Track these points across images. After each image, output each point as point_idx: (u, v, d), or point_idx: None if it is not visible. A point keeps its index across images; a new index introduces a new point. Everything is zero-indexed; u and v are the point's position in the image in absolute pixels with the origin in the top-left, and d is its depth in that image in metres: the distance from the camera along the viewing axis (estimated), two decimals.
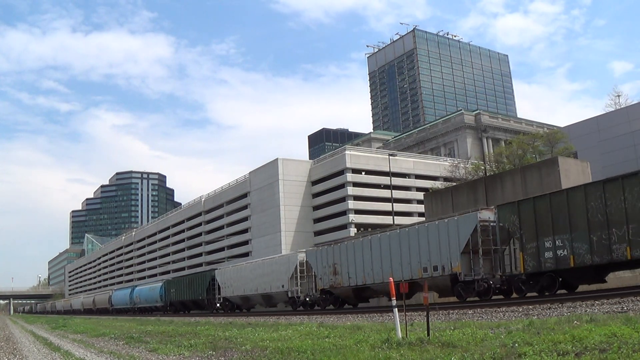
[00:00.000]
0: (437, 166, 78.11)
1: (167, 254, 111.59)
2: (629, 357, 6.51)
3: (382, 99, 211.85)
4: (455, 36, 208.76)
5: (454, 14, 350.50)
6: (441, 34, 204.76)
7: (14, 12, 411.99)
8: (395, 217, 54.79)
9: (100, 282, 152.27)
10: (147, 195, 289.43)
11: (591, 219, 17.72)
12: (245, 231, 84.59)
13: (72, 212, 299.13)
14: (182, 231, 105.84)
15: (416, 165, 78.30)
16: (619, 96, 71.01)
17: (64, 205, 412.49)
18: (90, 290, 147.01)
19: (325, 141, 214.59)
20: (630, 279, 22.30)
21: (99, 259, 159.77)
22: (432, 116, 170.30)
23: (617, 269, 19.23)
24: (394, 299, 10.43)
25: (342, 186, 73.39)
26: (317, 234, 75.79)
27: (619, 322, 8.94)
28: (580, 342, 7.62)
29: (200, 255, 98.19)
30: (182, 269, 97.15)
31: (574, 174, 34.03)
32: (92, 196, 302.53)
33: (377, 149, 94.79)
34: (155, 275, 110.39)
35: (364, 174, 74.10)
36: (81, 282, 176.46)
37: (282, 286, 34.17)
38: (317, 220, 77.16)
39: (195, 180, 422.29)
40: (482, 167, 60.91)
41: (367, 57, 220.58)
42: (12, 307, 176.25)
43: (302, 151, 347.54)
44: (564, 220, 18.55)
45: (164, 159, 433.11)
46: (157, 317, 41.75)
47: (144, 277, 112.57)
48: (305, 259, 32.71)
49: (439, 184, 66.04)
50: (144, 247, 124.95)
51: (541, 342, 7.96)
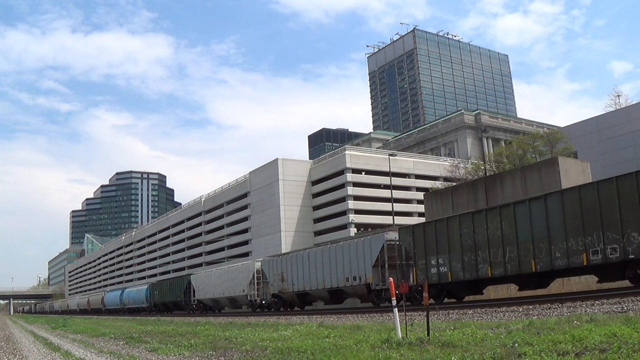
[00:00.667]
0: (437, 166, 78.10)
1: (167, 254, 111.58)
2: (629, 357, 6.51)
3: (382, 99, 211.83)
4: (455, 36, 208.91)
5: (453, 14, 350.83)
6: (441, 34, 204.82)
7: (14, 13, 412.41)
8: (395, 217, 54.78)
9: (100, 282, 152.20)
10: (147, 195, 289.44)
11: (464, 243, 21.61)
12: (245, 231, 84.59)
13: (72, 212, 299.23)
14: (182, 231, 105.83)
15: (416, 165, 78.29)
16: (619, 96, 71.12)
17: (64, 205, 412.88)
18: (90, 290, 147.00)
19: (325, 141, 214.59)
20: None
21: (99, 259, 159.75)
22: (432, 116, 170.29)
23: (486, 284, 23.17)
24: (394, 298, 10.46)
25: (342, 186, 73.38)
26: (317, 234, 75.79)
27: (619, 322, 8.94)
28: (580, 342, 7.61)
29: (200, 255, 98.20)
30: (182, 269, 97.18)
31: (574, 174, 34.02)
32: (92, 196, 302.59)
33: (377, 149, 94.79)
34: (155, 275, 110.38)
35: (364, 174, 74.09)
36: (81, 282, 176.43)
37: (243, 290, 38.82)
38: (317, 220, 77.15)
39: (195, 180, 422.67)
40: (482, 167, 60.90)
41: (367, 57, 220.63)
42: (12, 307, 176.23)
43: (302, 151, 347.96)
44: (444, 243, 22.49)
45: (164, 159, 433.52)
46: (157, 317, 42.01)
47: (144, 277, 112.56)
48: (260, 268, 37.04)
49: (439, 184, 66.04)
50: (144, 247, 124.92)
51: (541, 342, 7.96)
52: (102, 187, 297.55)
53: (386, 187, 65.68)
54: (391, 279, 11.08)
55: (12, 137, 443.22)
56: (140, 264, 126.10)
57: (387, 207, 62.34)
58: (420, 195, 65.00)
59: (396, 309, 10.49)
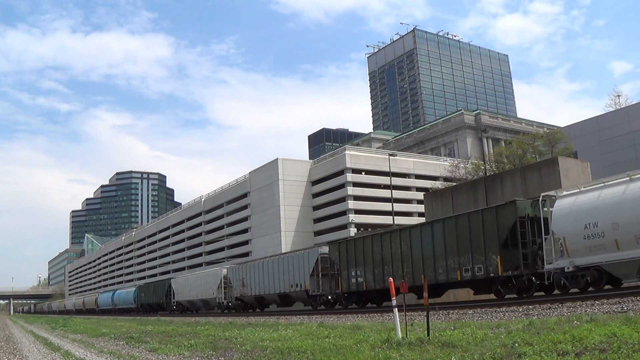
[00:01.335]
0: (437, 166, 78.10)
1: (167, 254, 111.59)
2: (629, 357, 6.50)
3: (382, 99, 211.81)
4: (455, 36, 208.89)
5: (453, 14, 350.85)
6: (441, 34, 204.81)
7: (14, 13, 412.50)
8: (395, 217, 54.77)
9: (100, 282, 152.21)
10: (147, 195, 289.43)
11: (374, 258, 25.88)
12: (245, 231, 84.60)
13: (72, 212, 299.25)
14: (182, 231, 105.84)
15: (416, 165, 78.29)
16: (619, 96, 71.13)
17: (64, 205, 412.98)
18: (90, 290, 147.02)
19: (325, 141, 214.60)
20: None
21: (99, 259, 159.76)
22: (432, 116, 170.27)
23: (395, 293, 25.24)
24: (394, 298, 10.45)
25: (342, 186, 73.39)
26: (317, 234, 75.81)
27: (619, 322, 8.94)
28: (580, 342, 7.61)
29: (200, 255, 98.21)
30: (182, 269, 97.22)
31: (574, 174, 34.01)
32: (92, 196, 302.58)
33: (377, 149, 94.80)
34: (155, 275, 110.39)
35: (364, 174, 74.10)
36: (81, 282, 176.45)
37: (213, 294, 43.36)
38: (317, 220, 77.16)
39: (195, 180, 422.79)
40: (482, 167, 60.88)
41: (367, 57, 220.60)
42: (12, 307, 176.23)
43: (302, 151, 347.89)
44: (361, 258, 26.75)
45: (164, 159, 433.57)
46: (157, 317, 42.22)
47: (144, 277, 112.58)
48: (227, 274, 41.62)
49: (439, 184, 66.04)
50: (144, 247, 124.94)
51: (541, 342, 7.96)
52: (102, 187, 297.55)
53: (386, 187, 65.69)
54: (391, 279, 11.08)
55: (12, 137, 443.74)
56: (140, 264, 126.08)
57: (387, 207, 62.36)
58: (420, 195, 65.02)
59: (396, 309, 10.49)
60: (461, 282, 22.01)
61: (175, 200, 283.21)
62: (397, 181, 68.10)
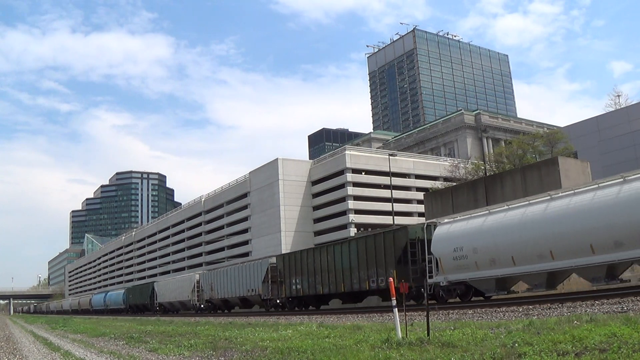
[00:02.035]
0: (437, 166, 78.08)
1: (167, 254, 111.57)
2: (629, 357, 6.50)
3: (382, 99, 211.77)
4: (455, 36, 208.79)
5: (453, 14, 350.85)
6: (441, 34, 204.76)
7: (14, 13, 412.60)
8: (395, 217, 54.78)
9: (100, 282, 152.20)
10: (147, 195, 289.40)
11: (309, 269, 30.86)
12: (245, 231, 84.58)
13: (72, 212, 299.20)
14: (182, 231, 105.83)
15: (416, 165, 78.27)
16: (619, 96, 71.12)
17: (64, 205, 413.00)
18: (90, 290, 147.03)
19: (325, 141, 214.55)
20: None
21: (99, 259, 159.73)
22: (432, 116, 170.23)
23: (324, 299, 31.69)
24: (394, 298, 10.44)
25: (342, 186, 73.37)
26: (317, 234, 75.80)
27: (619, 322, 8.94)
28: (580, 342, 7.61)
29: (200, 255, 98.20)
30: (182, 269, 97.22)
31: (574, 174, 34.03)
32: (92, 196, 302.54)
33: (377, 149, 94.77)
34: (155, 275, 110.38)
35: (364, 174, 74.08)
36: (81, 282, 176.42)
37: (188, 296, 47.87)
38: (317, 220, 77.15)
39: (195, 180, 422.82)
40: (482, 167, 60.88)
41: (367, 57, 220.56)
42: (12, 307, 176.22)
43: (302, 151, 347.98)
44: (299, 268, 31.92)
45: (164, 159, 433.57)
46: (157, 317, 42.35)
47: (144, 277, 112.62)
48: (199, 279, 47.09)
49: (439, 184, 66.04)
50: (144, 247, 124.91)
51: (541, 342, 7.96)
52: (102, 187, 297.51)
53: (386, 187, 65.68)
54: (391, 279, 11.08)
55: (12, 137, 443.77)
56: (140, 264, 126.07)
57: (387, 207, 62.35)
58: (420, 195, 65.01)
59: (396, 309, 10.47)
60: (369, 290, 26.88)
61: (175, 200, 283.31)
62: (397, 181, 68.08)
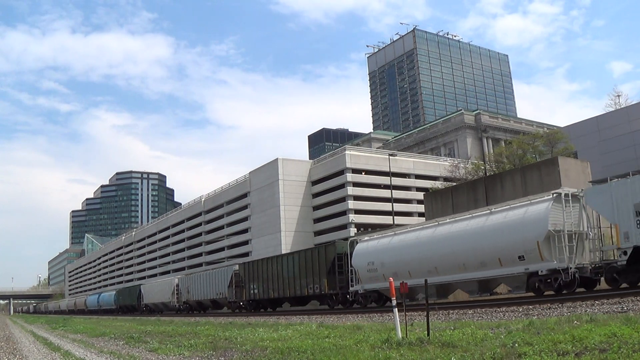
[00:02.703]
0: (437, 166, 78.07)
1: (167, 254, 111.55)
2: (629, 357, 6.50)
3: (382, 99, 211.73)
4: (455, 36, 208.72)
5: (453, 14, 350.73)
6: (441, 34, 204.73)
7: (14, 13, 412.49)
8: (395, 217, 54.78)
9: (100, 282, 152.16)
10: (147, 195, 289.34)
11: (264, 276, 36.40)
12: (245, 231, 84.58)
13: (72, 212, 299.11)
14: (182, 231, 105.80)
15: (416, 165, 78.26)
16: (619, 96, 71.10)
17: (64, 205, 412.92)
18: (90, 290, 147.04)
19: (325, 141, 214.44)
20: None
21: (99, 259, 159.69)
22: (432, 116, 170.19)
23: (276, 302, 36.94)
24: (394, 298, 10.43)
25: (342, 186, 73.36)
26: (317, 234, 75.79)
27: (619, 322, 8.94)
28: (580, 342, 7.61)
29: (200, 255, 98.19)
30: (182, 269, 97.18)
31: (574, 174, 34.02)
32: (92, 196, 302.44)
33: (377, 149, 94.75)
34: (155, 275, 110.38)
35: (364, 174, 74.06)
36: (81, 282, 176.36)
37: (169, 298, 52.72)
38: (317, 220, 77.13)
39: (195, 180, 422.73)
40: (482, 167, 60.86)
41: (367, 57, 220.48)
42: (12, 307, 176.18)
43: (302, 151, 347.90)
44: (256, 275, 37.32)
45: (164, 159, 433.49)
46: (156, 317, 42.46)
47: (144, 277, 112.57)
48: (178, 282, 51.93)
49: (439, 184, 66.01)
50: (144, 247, 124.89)
51: (541, 342, 7.96)
52: (102, 187, 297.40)
53: (386, 187, 65.68)
54: (391, 279, 11.08)
55: (12, 137, 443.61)
56: (140, 264, 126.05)
57: (387, 207, 62.36)
58: (420, 195, 64.99)
59: (396, 309, 10.47)
60: (309, 296, 32.13)
61: (175, 200, 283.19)
62: (397, 181, 68.07)
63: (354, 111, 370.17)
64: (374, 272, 25.54)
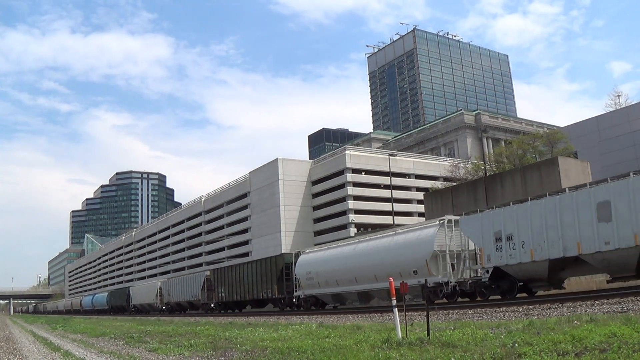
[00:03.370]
0: (437, 166, 78.05)
1: (167, 254, 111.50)
2: (629, 357, 6.50)
3: (382, 99, 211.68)
4: (455, 36, 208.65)
5: (453, 14, 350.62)
6: (441, 34, 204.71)
7: (14, 13, 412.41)
8: (395, 217, 54.77)
9: (100, 282, 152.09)
10: (147, 195, 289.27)
11: (233, 282, 40.42)
12: (245, 231, 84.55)
13: (72, 212, 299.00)
14: (182, 231, 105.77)
15: (416, 165, 78.24)
16: (619, 96, 71.07)
17: (64, 205, 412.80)
18: (90, 290, 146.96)
19: (325, 141, 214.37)
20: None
21: (99, 259, 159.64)
22: (432, 116, 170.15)
23: (242, 304, 41.38)
24: (394, 298, 10.43)
25: (342, 186, 73.34)
26: (317, 234, 75.77)
27: (619, 322, 8.94)
28: (580, 342, 7.61)
29: (200, 255, 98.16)
30: (182, 269, 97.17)
31: (574, 173, 34.05)
32: (92, 196, 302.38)
33: (377, 149, 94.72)
34: (155, 275, 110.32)
35: (364, 174, 74.04)
36: (81, 282, 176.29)
37: (153, 299, 57.01)
38: (317, 220, 77.12)
39: (195, 180, 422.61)
40: (482, 167, 60.86)
41: (367, 57, 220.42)
42: (12, 307, 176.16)
43: (302, 151, 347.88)
44: (225, 280, 41.85)
45: (164, 159, 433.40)
46: (157, 317, 42.50)
47: (144, 277, 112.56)
48: (160, 285, 56.55)
49: (439, 184, 66.03)
50: (144, 247, 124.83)
51: (541, 342, 7.96)
52: (102, 187, 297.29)
53: (386, 187, 65.67)
54: (391, 279, 11.07)
55: (12, 137, 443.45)
56: (140, 264, 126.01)
57: (387, 207, 62.34)
58: (420, 195, 64.98)
59: (396, 309, 10.47)
60: (265, 299, 37.07)
61: (175, 200, 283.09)
62: (397, 181, 68.05)
63: (354, 111, 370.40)
64: (311, 280, 30.74)
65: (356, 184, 73.06)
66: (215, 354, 11.57)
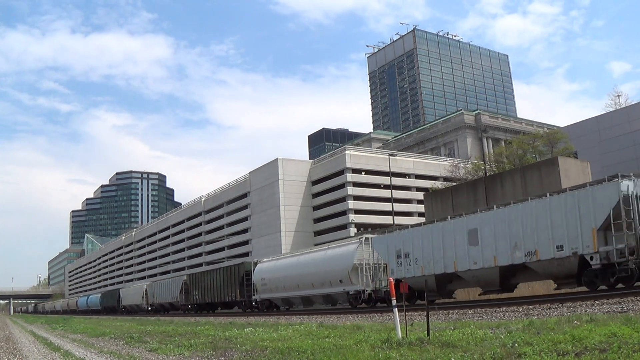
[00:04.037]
0: (437, 166, 78.06)
1: (167, 254, 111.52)
2: (629, 357, 6.50)
3: (382, 99, 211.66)
4: (455, 36, 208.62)
5: (452, 15, 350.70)
6: (441, 34, 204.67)
7: (14, 13, 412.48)
8: (395, 217, 54.75)
9: (100, 282, 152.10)
10: (147, 195, 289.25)
11: (201, 285, 45.67)
12: (245, 231, 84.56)
13: (72, 212, 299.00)
14: (182, 231, 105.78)
15: (416, 165, 78.24)
16: (619, 96, 71.05)
17: (64, 205, 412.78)
18: (90, 290, 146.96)
19: (325, 141, 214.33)
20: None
21: (99, 259, 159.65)
22: (432, 116, 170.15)
23: (215, 306, 45.69)
24: (394, 298, 10.42)
25: (342, 186, 73.35)
26: (317, 234, 75.77)
27: (619, 322, 8.94)
28: (580, 342, 7.61)
29: (200, 255, 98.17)
30: (182, 269, 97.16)
31: (574, 174, 34.03)
32: (92, 196, 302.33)
33: (377, 149, 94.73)
34: (155, 275, 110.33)
35: (364, 174, 74.05)
36: (81, 282, 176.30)
37: (140, 300, 61.28)
38: (317, 220, 77.13)
39: (195, 180, 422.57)
40: (482, 167, 60.86)
41: (367, 57, 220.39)
42: (12, 307, 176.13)
43: (302, 151, 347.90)
44: (198, 284, 46.57)
45: (164, 159, 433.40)
46: (157, 317, 42.49)
47: (144, 277, 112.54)
48: (146, 288, 61.12)
49: (439, 184, 66.02)
50: (144, 247, 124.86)
51: (541, 342, 7.96)
52: (102, 187, 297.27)
53: (386, 187, 65.67)
54: (391, 279, 11.05)
55: (12, 137, 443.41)
56: (140, 264, 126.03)
57: (387, 207, 62.34)
58: (420, 195, 64.98)
59: (396, 309, 10.46)
60: (230, 302, 41.67)
61: (175, 200, 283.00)
62: (397, 181, 68.05)
63: (354, 111, 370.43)
64: (265, 286, 35.48)
65: (356, 184, 73.07)
66: (215, 354, 11.57)
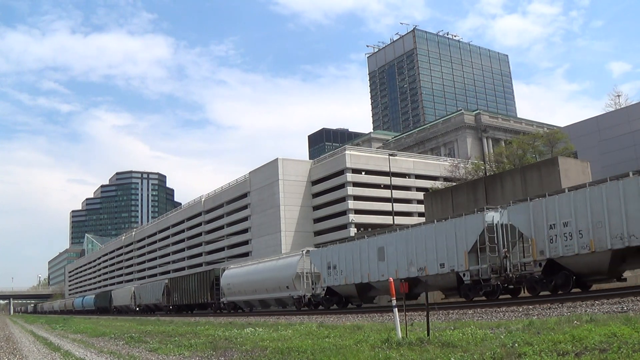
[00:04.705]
0: (437, 166, 78.06)
1: (167, 254, 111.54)
2: (629, 357, 6.50)
3: (382, 99, 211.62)
4: (455, 36, 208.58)
5: (452, 15, 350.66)
6: (441, 34, 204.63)
7: (14, 14, 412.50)
8: (395, 217, 54.75)
9: (100, 282, 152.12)
10: (147, 195, 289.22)
11: (181, 288, 51.01)
12: (245, 231, 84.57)
13: (72, 212, 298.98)
14: (182, 231, 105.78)
15: (416, 165, 78.25)
16: (619, 96, 71.04)
17: (64, 205, 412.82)
18: (90, 290, 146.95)
19: (325, 141, 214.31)
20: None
21: (99, 258, 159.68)
22: (432, 116, 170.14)
23: (192, 307, 49.82)
24: (394, 298, 10.42)
25: (342, 186, 73.36)
26: (317, 234, 75.78)
27: (619, 322, 8.93)
28: (580, 342, 7.61)
29: (200, 255, 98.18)
30: (182, 269, 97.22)
31: (574, 174, 34.01)
32: (92, 196, 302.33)
33: (377, 149, 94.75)
34: (155, 275, 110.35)
35: (364, 174, 74.06)
36: (81, 282, 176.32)
37: (129, 302, 65.12)
38: (317, 220, 77.13)
39: (195, 180, 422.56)
40: (482, 167, 60.85)
41: (367, 57, 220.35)
42: (12, 307, 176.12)
43: (302, 151, 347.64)
44: (179, 288, 51.46)
45: (164, 159, 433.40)
46: (157, 317, 42.58)
47: (144, 277, 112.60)
48: (134, 290, 65.25)
49: (439, 184, 66.00)
50: (144, 247, 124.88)
51: (541, 342, 7.95)
52: (102, 187, 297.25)
53: (386, 187, 65.68)
54: (391, 279, 11.05)
55: (12, 137, 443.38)
56: (140, 264, 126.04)
57: (387, 207, 62.35)
58: (420, 195, 64.98)
59: (396, 309, 10.46)
60: (204, 304, 46.25)
61: (175, 200, 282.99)
62: (397, 181, 68.06)
63: (354, 111, 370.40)
64: (230, 290, 40.23)
65: (356, 184, 73.08)
66: (215, 354, 11.57)
